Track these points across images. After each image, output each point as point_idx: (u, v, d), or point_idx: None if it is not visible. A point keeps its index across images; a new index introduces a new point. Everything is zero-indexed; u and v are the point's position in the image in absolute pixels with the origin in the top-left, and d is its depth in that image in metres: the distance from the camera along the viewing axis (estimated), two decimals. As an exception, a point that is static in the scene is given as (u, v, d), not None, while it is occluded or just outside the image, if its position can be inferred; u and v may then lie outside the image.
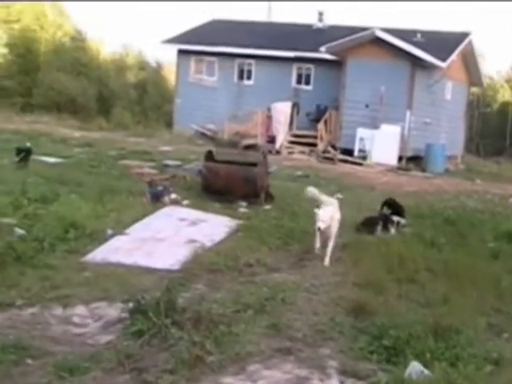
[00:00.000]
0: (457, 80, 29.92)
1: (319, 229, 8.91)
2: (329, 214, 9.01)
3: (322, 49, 26.17)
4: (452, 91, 29.60)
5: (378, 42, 25.66)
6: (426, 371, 5.21)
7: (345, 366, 5.64)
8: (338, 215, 9.30)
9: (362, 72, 25.68)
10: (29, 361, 5.39)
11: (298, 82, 29.34)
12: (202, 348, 5.63)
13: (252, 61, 29.81)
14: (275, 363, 5.65)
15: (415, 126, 26.20)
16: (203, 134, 29.56)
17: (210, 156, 13.25)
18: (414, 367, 5.25)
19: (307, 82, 29.15)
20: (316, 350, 5.97)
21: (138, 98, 45.11)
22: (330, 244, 9.04)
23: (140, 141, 25.96)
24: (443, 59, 25.93)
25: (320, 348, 6.05)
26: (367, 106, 25.99)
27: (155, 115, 40.37)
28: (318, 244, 9.19)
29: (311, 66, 28.81)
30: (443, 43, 26.80)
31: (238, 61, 30.16)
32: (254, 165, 12.72)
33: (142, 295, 6.37)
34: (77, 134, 25.91)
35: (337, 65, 26.84)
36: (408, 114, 25.83)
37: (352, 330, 6.44)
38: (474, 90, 37.05)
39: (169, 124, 34.29)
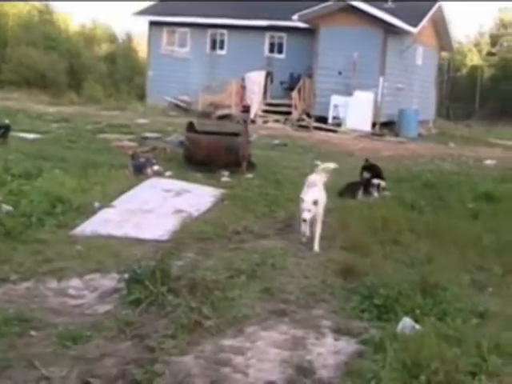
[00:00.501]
0: (427, 45, 30.16)
1: (305, 220, 8.20)
2: (313, 198, 8.20)
3: (295, 17, 26.20)
4: (423, 56, 29.86)
5: (351, 9, 25.78)
6: (417, 326, 5.45)
7: (338, 324, 5.86)
8: (323, 195, 8.59)
9: (335, 39, 25.80)
10: (32, 332, 5.51)
11: (271, 50, 29.39)
12: (199, 313, 5.81)
13: (224, 31, 29.76)
14: (271, 325, 5.85)
15: (388, 91, 26.43)
16: (177, 106, 29.57)
17: (191, 127, 13.36)
18: (406, 322, 5.48)
19: (280, 51, 29.21)
20: (309, 312, 6.19)
21: (109, 71, 44.74)
22: (318, 229, 8.28)
23: (114, 114, 25.91)
24: (414, 25, 26.14)
25: (313, 309, 6.26)
26: (340, 73, 26.14)
27: (126, 88, 40.13)
28: (306, 233, 8.45)
29: (284, 34, 28.85)
30: (414, 9, 26.97)
31: (210, 31, 30.10)
32: (235, 134, 12.86)
33: (138, 265, 6.53)
34: (51, 109, 25.77)
35: (309, 33, 26.91)
36: (381, 80, 26.04)
37: (342, 291, 6.67)
38: (444, 54, 37.30)
39: (140, 97, 34.16)
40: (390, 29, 25.79)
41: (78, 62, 42.72)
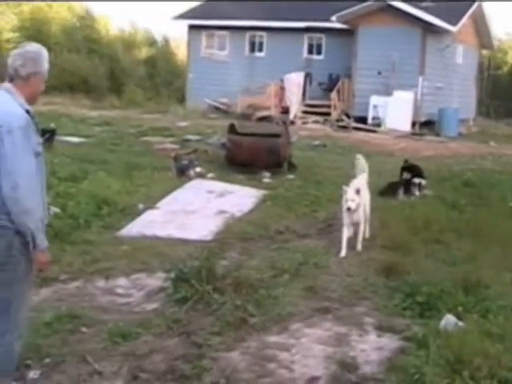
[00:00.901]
0: (467, 43, 29.92)
1: (349, 209, 8.04)
2: (355, 187, 8.21)
3: (333, 18, 26.20)
4: (463, 55, 29.62)
5: (389, 9, 25.68)
6: (460, 323, 5.52)
7: (381, 322, 5.98)
8: (367, 196, 8.69)
9: (374, 39, 25.72)
10: (83, 329, 5.71)
11: (310, 52, 29.42)
12: (244, 311, 5.97)
13: (263, 33, 29.88)
14: (315, 322, 5.99)
15: (428, 91, 26.29)
16: (217, 108, 29.76)
17: (232, 129, 13.54)
18: (449, 319, 5.56)
19: (319, 52, 29.23)
20: (352, 309, 6.31)
21: (148, 74, 45.12)
22: (361, 228, 8.31)
23: (155, 117, 26.19)
24: (454, 23, 25.94)
25: (356, 307, 6.39)
26: (379, 73, 26.04)
27: (166, 91, 40.43)
28: (346, 233, 8.18)
29: (322, 35, 28.86)
30: (453, 8, 26.75)
31: (248, 33, 30.24)
32: (276, 136, 13.01)
33: (184, 264, 6.69)
34: (93, 113, 26.15)
35: (348, 33, 26.88)
36: (420, 79, 25.91)
37: (385, 289, 6.78)
38: (484, 52, 36.95)
39: (180, 100, 34.42)
40: (428, 28, 25.65)
41: (118, 67, 43.19)
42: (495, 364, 4.71)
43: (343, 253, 8.00)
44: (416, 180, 11.15)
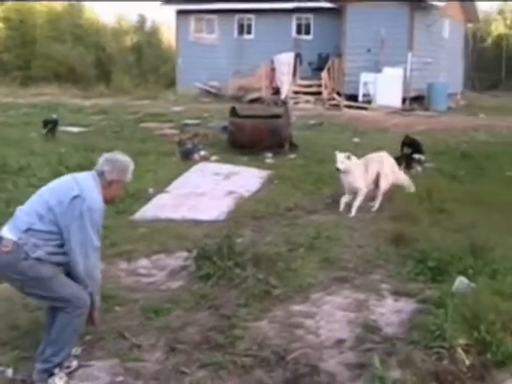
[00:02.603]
0: (454, 18, 30.20)
1: (338, 169, 9.07)
2: (345, 154, 9.07)
3: (321, -2, 26.43)
4: (450, 29, 29.88)
5: (376, -14, 25.89)
6: (472, 284, 5.89)
7: (396, 287, 6.35)
8: (375, 169, 9.38)
9: (362, 17, 25.95)
10: (117, 308, 6.02)
11: (298, 32, 29.58)
12: (267, 283, 6.33)
13: (251, 15, 30.02)
14: (334, 290, 6.35)
15: (417, 66, 26.56)
16: (207, 92, 29.94)
17: (234, 112, 13.82)
18: (461, 281, 5.93)
19: (307, 32, 29.40)
20: (368, 277, 6.68)
21: (136, 61, 45.19)
22: (358, 198, 9.16)
23: (147, 103, 26.36)
24: (441, -1, 26.22)
25: (371, 275, 6.75)
26: (369, 50, 26.30)
27: (154, 77, 40.54)
28: (344, 198, 9.32)
29: (310, 15, 29.03)
30: (439, -18, 26.99)
31: (237, 16, 30.36)
32: (277, 117, 13.30)
33: (204, 243, 7.02)
34: (87, 102, 26.26)
35: (336, 12, 27.08)
36: (409, 55, 26.19)
37: (396, 257, 7.15)
38: (469, 26, 37.21)
39: (168, 85, 34.59)
40: (416, 4, 25.89)
41: (104, 55, 43.22)
42: (507, 319, 5.08)
43: (340, 208, 9.16)
44: (416, 156, 11.49)
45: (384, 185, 9.35)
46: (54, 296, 4.67)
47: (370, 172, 9.31)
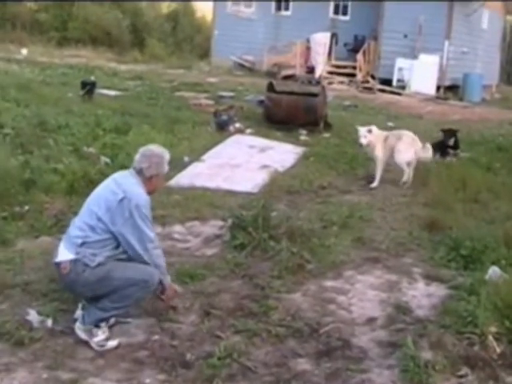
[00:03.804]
0: (493, 9, 29.86)
1: (361, 145, 9.91)
2: (368, 128, 9.88)
3: (361, -21, 26.25)
4: (488, 20, 29.58)
5: (418, -29, 25.63)
6: (505, 274, 5.96)
7: (428, 272, 6.43)
8: (391, 144, 9.94)
9: (401, 2, 25.69)
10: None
11: (336, 12, 29.42)
12: (300, 257, 6.44)
13: (289, -9, 29.91)
14: (366, 270, 6.45)
15: (453, 55, 26.36)
16: (241, 65, 29.94)
17: (271, 87, 13.89)
18: (494, 271, 6.00)
19: (345, 13, 29.22)
20: (400, 259, 6.77)
21: (171, 29, 45.09)
22: (378, 167, 9.87)
23: (181, 73, 26.39)
24: (482, -12, 25.95)
25: (403, 258, 6.84)
26: (406, 36, 26.12)
27: (188, 47, 40.49)
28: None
29: (349, -4, 28.89)
30: (482, -28, 26.70)
31: (276, -9, 30.25)
32: (314, 95, 13.35)
33: (240, 213, 7.12)
34: (122, 67, 26.39)
35: (375, -5, 26.93)
36: (446, 43, 25.99)
37: (429, 243, 7.22)
38: (508, 18, 36.76)
39: (201, 56, 34.57)
40: (456, -8, 25.71)
41: (140, 21, 43.14)
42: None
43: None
44: (451, 143, 11.50)
45: (398, 159, 9.86)
46: (122, 284, 4.77)
47: (387, 146, 9.88)
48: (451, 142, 11.63)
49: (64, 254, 4.78)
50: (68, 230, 4.98)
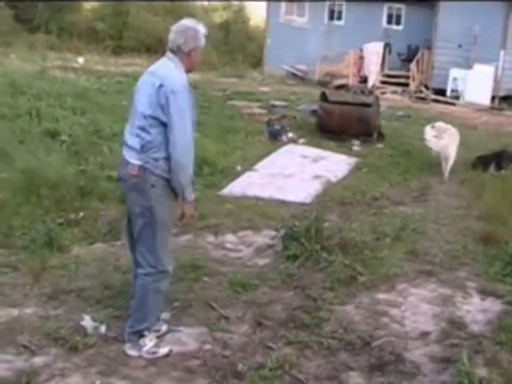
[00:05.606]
0: (551, 18, 29.29)
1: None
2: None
3: (415, -12, 26.03)
4: (546, 30, 29.03)
5: (473, -20, 25.33)
6: None
7: (483, 286, 6.33)
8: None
9: (455, 11, 25.39)
10: (205, 278, 6.21)
11: (389, 22, 29.21)
12: (353, 269, 6.42)
13: (342, 1, 29.74)
14: (420, 283, 6.39)
15: (509, 65, 25.90)
16: (294, 75, 29.94)
17: (324, 97, 13.89)
18: (553, 288, 5.89)
19: (398, 23, 28.98)
20: (454, 273, 6.68)
21: (223, 38, 45.38)
22: (448, 163, 10.65)
23: (233, 81, 26.46)
24: (540, -2, 25.47)
25: (457, 271, 6.75)
26: (460, 45, 25.81)
27: (241, 56, 40.69)
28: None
29: (402, 5, 28.59)
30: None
31: (328, 1, 30.19)
32: (367, 105, 13.32)
33: (293, 223, 7.13)
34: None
35: (428, 5, 26.63)
36: (502, 53, 25.59)
37: (484, 257, 7.10)
38: None
39: (254, 65, 34.64)
40: (512, 1, 25.30)
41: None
42: None
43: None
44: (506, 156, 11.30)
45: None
46: (151, 243, 4.78)
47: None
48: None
49: (131, 158, 4.73)
50: (125, 139, 4.89)
